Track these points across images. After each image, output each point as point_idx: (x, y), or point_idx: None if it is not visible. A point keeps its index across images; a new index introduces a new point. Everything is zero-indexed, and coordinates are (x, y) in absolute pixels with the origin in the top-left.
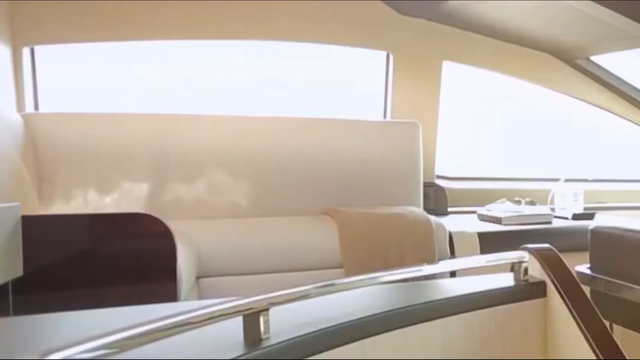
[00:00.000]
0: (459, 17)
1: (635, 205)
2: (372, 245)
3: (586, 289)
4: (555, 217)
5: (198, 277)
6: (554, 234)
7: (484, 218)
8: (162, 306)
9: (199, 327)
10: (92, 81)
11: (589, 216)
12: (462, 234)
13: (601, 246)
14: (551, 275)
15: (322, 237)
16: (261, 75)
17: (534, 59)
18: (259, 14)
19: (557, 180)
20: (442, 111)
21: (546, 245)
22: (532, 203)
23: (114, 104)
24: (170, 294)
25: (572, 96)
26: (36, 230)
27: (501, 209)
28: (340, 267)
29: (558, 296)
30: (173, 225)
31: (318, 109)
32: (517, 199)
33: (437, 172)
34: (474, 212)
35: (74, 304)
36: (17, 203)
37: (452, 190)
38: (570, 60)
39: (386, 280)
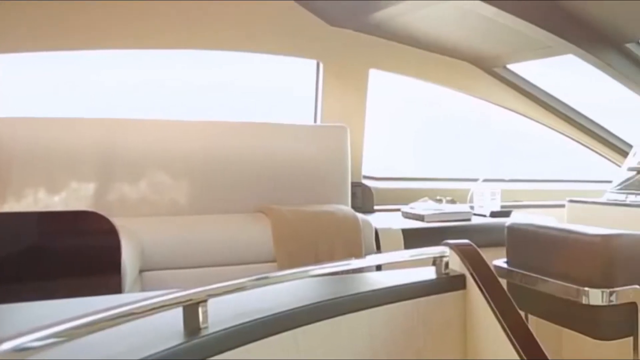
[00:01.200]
0: (385, 28)
1: (548, 204)
2: (303, 241)
3: (503, 282)
4: (474, 214)
5: (141, 271)
6: (473, 230)
7: (407, 215)
8: (107, 298)
9: (142, 317)
10: (44, 88)
11: (505, 214)
12: (387, 230)
13: (517, 242)
14: (470, 269)
15: (257, 233)
16: (201, 83)
17: (455, 67)
18: (198, 26)
19: (476, 180)
20: (369, 116)
21: (466, 241)
22: (452, 202)
23: (64, 110)
24: (115, 287)
25: (490, 102)
26: None
27: (424, 207)
28: (274, 261)
29: (477, 288)
30: (118, 222)
31: (254, 114)
32: (438, 197)
33: (364, 172)
34: (398, 210)
35: (24, 296)
36: None
37: (378, 190)
38: (489, 69)
39: (316, 273)
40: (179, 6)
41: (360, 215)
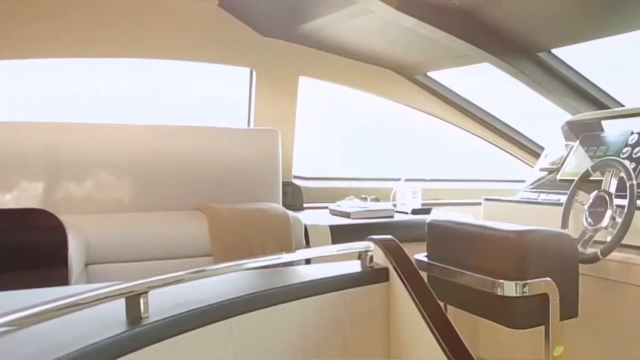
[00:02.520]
0: (314, 38)
1: (466, 202)
2: (238, 236)
3: (424, 275)
4: (397, 212)
5: (86, 264)
6: (395, 226)
7: (334, 213)
8: (55, 289)
9: (87, 307)
10: None
11: (426, 211)
12: (315, 226)
13: (436, 237)
14: (393, 262)
15: (195, 229)
16: (143, 89)
17: (378, 74)
18: (140, 36)
19: (398, 179)
20: (299, 120)
21: (389, 236)
22: (376, 200)
23: (13, 115)
24: (62, 279)
25: (411, 107)
26: None
27: (350, 204)
28: (210, 255)
29: (399, 281)
30: (65, 219)
31: (193, 119)
32: (363, 196)
33: (294, 172)
34: (326, 207)
35: None
36: None
37: (307, 189)
38: (410, 76)
39: (250, 266)
40: (122, 18)
41: (290, 213)
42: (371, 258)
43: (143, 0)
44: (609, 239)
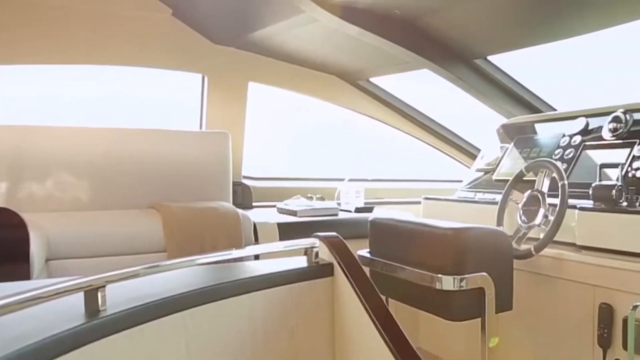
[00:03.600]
0: (263, 46)
1: (406, 201)
2: (190, 233)
3: (366, 270)
4: (341, 210)
5: (47, 260)
6: (340, 224)
7: (282, 211)
8: (16, 284)
9: (48, 300)
10: None
11: (368, 209)
12: (264, 224)
13: (379, 234)
14: (337, 258)
15: (149, 227)
16: (102, 94)
17: (323, 80)
18: (98, 43)
19: (342, 180)
20: (249, 123)
21: (333, 233)
22: (322, 199)
23: None
24: (24, 274)
25: (355, 111)
26: None
27: (296, 203)
28: (164, 251)
29: (343, 275)
30: (27, 217)
31: (149, 122)
32: (309, 195)
33: (244, 173)
34: (274, 206)
35: None
36: None
37: (256, 188)
38: (354, 81)
39: (202, 262)
40: (82, 27)
41: (240, 211)
42: (316, 254)
43: (102, 10)
44: (541, 236)
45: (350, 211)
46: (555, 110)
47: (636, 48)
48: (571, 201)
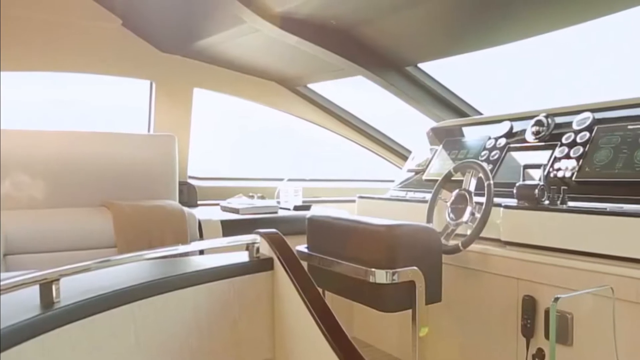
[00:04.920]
0: (207, 54)
1: (342, 199)
2: (139, 230)
3: (304, 264)
4: (281, 208)
5: (5, 255)
6: (279, 221)
7: (225, 209)
8: None
9: (5, 293)
10: None
11: (306, 207)
12: (208, 221)
13: (316, 230)
14: (277, 253)
15: (101, 224)
16: (56, 98)
17: (264, 86)
18: (52, 51)
19: (281, 179)
20: (194, 126)
21: (273, 230)
22: (262, 197)
23: None
24: None
25: (294, 115)
26: None
27: (239, 202)
28: (114, 246)
29: (282, 269)
30: None
31: (100, 125)
32: (251, 194)
33: (189, 173)
34: (217, 204)
35: None
36: None
37: (201, 188)
38: (292, 87)
39: (150, 257)
40: (37, 36)
41: (186, 209)
42: (257, 249)
43: (55, 20)
44: (469, 232)
45: (289, 209)
46: (481, 114)
47: (556, 56)
48: (496, 200)
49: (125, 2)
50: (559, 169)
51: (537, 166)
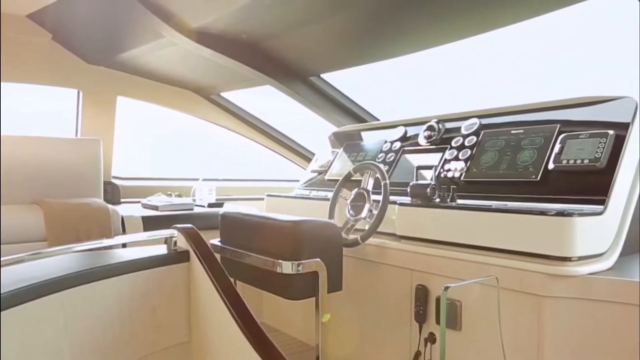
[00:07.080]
0: (130, 65)
1: (252, 197)
2: (67, 225)
3: (218, 256)
4: (196, 205)
5: None
6: (195, 217)
7: (146, 206)
8: None
9: None
10: None
11: (219, 205)
12: (130, 217)
13: (228, 226)
14: (193, 246)
15: (33, 219)
16: None
17: (181, 94)
18: None
19: (197, 179)
20: (118, 130)
21: (189, 225)
22: (179, 196)
23: None
24: None
25: (208, 121)
26: None
27: (158, 199)
28: (45, 240)
29: (198, 261)
30: None
31: (33, 130)
32: (169, 192)
33: (113, 173)
34: (139, 202)
35: None
36: None
37: (123, 187)
38: (207, 96)
39: (77, 250)
40: None
41: (110, 206)
42: (175, 243)
43: None
44: (367, 227)
45: (203, 206)
46: (378, 120)
47: (446, 67)
48: (392, 198)
49: (55, 18)
50: (448, 170)
51: (429, 167)
